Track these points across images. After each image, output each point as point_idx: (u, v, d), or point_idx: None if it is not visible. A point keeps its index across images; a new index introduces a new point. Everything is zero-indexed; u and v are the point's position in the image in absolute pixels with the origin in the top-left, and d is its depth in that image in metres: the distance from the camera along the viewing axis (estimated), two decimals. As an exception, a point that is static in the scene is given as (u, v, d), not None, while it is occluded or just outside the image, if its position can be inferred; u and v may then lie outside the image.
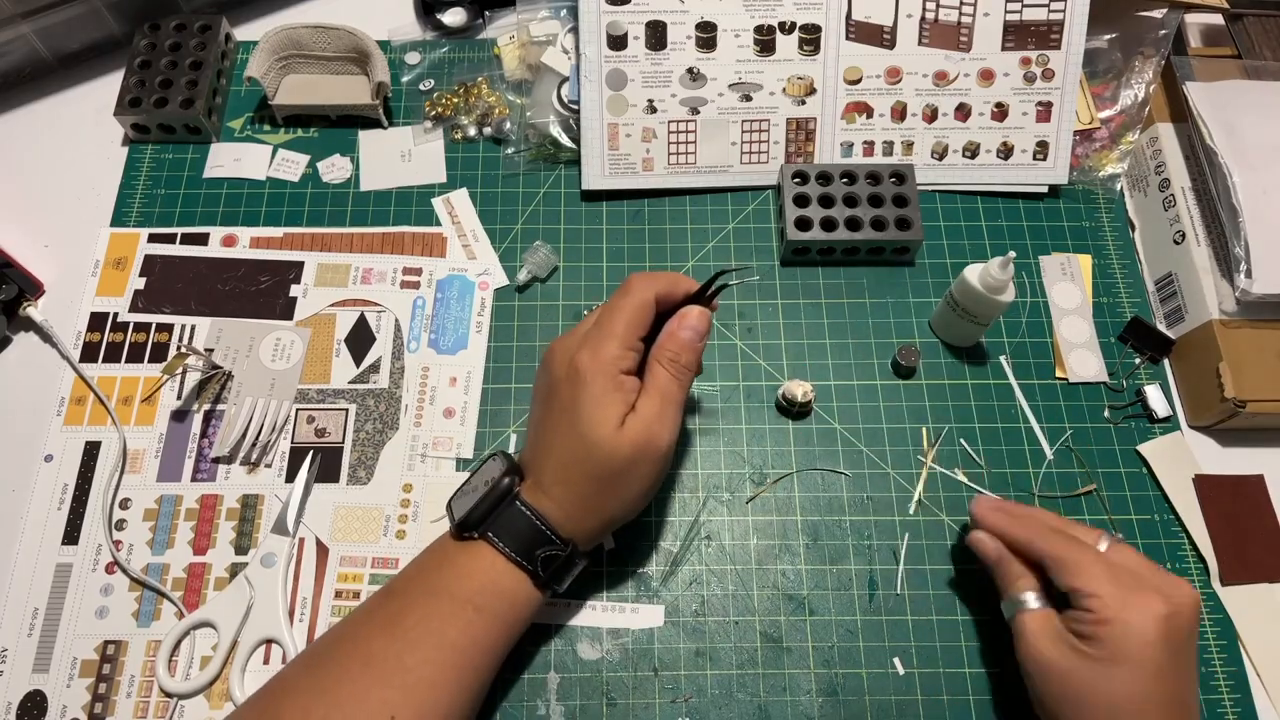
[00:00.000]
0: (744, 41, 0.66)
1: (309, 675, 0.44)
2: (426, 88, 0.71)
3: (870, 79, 0.67)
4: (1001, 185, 0.68)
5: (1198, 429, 0.61)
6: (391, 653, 0.43)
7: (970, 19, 0.66)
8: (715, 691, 0.52)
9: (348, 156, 0.69)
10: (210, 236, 0.65)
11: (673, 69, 0.66)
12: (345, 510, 0.57)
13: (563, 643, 0.53)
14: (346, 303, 0.63)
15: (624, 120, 0.66)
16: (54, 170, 0.69)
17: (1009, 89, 0.66)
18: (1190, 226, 0.63)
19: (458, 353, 0.62)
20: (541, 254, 0.64)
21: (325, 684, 0.43)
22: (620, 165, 0.66)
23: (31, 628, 0.53)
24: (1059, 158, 0.67)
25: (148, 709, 0.52)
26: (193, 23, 0.70)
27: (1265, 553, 0.57)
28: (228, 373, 0.60)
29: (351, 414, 0.60)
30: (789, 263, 0.66)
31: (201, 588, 0.55)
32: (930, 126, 0.67)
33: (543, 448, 0.48)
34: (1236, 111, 0.63)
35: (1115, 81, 0.69)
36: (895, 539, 0.57)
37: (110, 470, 0.57)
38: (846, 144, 0.67)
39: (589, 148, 0.66)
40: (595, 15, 0.65)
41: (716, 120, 0.66)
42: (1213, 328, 0.59)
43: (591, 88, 0.66)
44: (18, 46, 0.69)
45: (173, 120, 0.67)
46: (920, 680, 0.53)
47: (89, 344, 0.61)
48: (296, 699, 0.43)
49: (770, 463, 0.59)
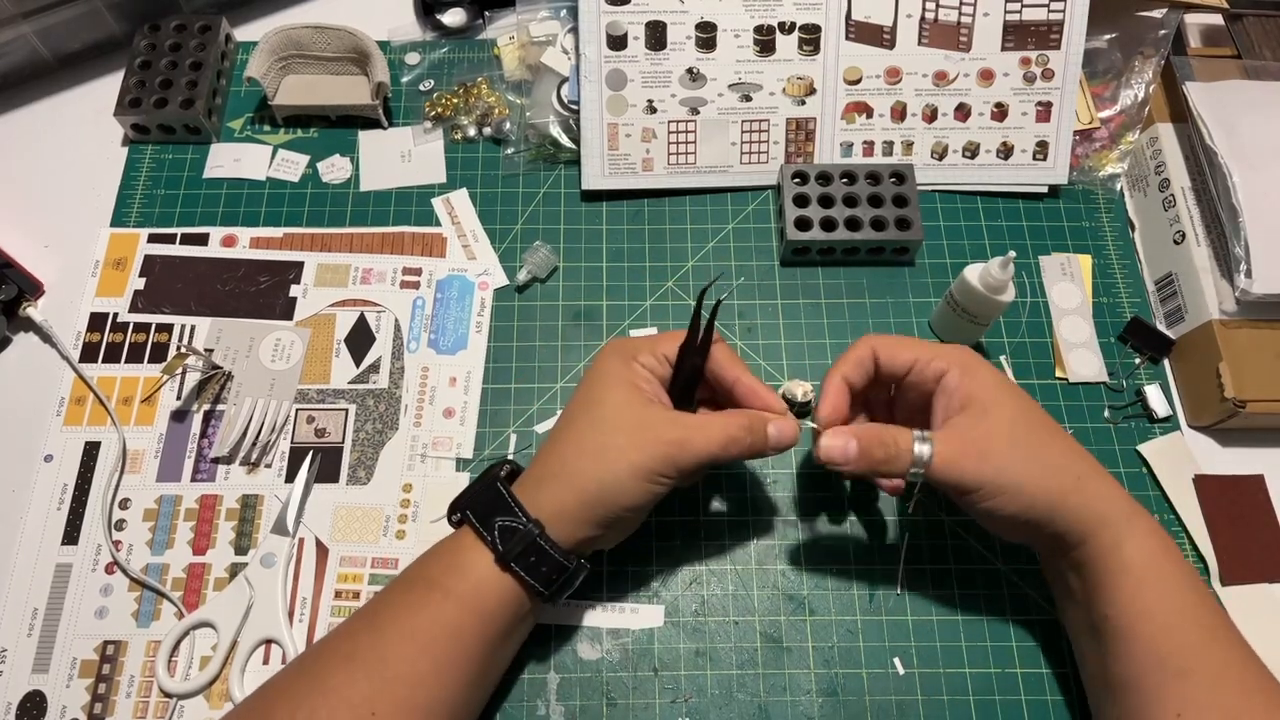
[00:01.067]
0: (744, 42, 0.66)
1: (300, 673, 0.44)
2: (426, 88, 0.71)
3: (870, 79, 0.67)
4: (1001, 185, 0.68)
5: (1198, 429, 0.61)
6: (372, 646, 0.43)
7: (970, 19, 0.66)
8: (715, 691, 0.52)
9: (348, 157, 0.69)
10: (210, 237, 0.65)
11: (672, 69, 0.66)
12: (345, 510, 0.57)
13: (563, 643, 0.53)
14: (346, 303, 0.63)
15: (624, 120, 0.66)
16: (54, 170, 0.69)
17: (1009, 89, 0.66)
18: (1190, 226, 0.63)
19: (457, 353, 0.62)
20: (541, 254, 0.64)
21: (313, 681, 0.43)
22: (620, 165, 0.66)
23: (31, 628, 0.53)
24: (1059, 158, 0.67)
25: (147, 709, 0.52)
26: (193, 23, 0.70)
27: (1265, 553, 0.57)
28: (228, 373, 0.60)
29: (351, 414, 0.60)
30: (789, 263, 0.66)
31: (201, 588, 0.55)
32: (930, 126, 0.67)
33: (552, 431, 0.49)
34: (1236, 111, 0.63)
35: (1115, 81, 0.69)
36: (896, 539, 0.57)
37: (110, 470, 0.57)
38: (846, 144, 0.67)
39: (589, 148, 0.66)
40: (595, 15, 0.65)
41: (716, 120, 0.66)
42: (1213, 328, 0.59)
43: (591, 88, 0.66)
44: (18, 46, 0.69)
45: (173, 120, 0.67)
46: (920, 680, 0.53)
47: (89, 344, 0.61)
48: (287, 697, 0.43)
49: (770, 462, 0.59)
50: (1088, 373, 0.62)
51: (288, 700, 0.43)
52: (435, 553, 0.47)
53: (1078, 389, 0.62)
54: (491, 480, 0.48)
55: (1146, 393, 0.61)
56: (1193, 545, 0.57)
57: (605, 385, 0.47)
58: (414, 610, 0.44)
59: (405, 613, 0.44)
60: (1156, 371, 0.63)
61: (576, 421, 0.48)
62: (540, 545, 0.45)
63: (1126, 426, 0.60)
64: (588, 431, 0.47)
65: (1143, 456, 0.59)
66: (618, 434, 0.46)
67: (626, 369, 0.48)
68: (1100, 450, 0.59)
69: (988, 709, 0.52)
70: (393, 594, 0.46)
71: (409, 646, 0.43)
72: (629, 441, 0.45)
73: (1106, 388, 0.62)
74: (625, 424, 0.46)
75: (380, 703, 0.42)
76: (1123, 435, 0.60)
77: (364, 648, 0.43)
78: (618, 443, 0.45)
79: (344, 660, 0.43)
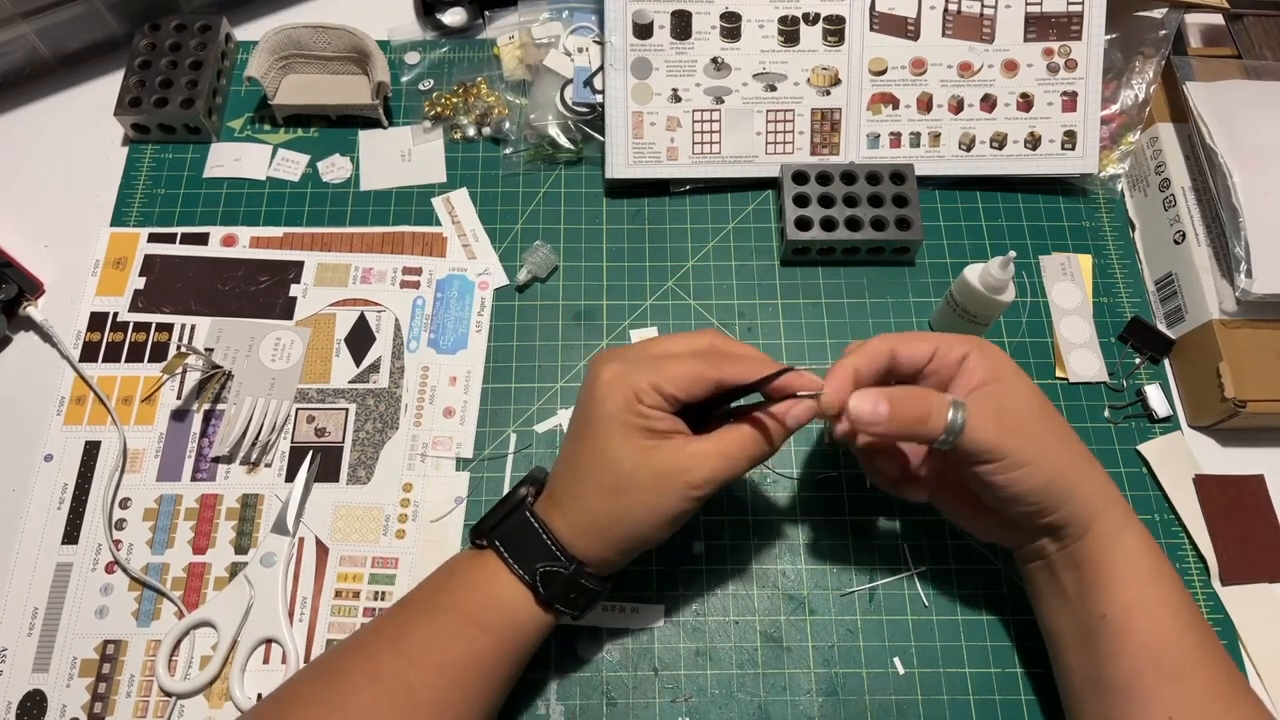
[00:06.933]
0: (768, 32, 0.66)
1: (319, 687, 0.44)
2: (426, 88, 0.71)
3: (895, 70, 0.67)
4: (1032, 175, 0.68)
5: (1198, 429, 0.61)
6: (397, 670, 0.43)
7: (992, 10, 0.66)
8: (715, 691, 0.52)
9: (348, 156, 0.69)
10: (210, 236, 0.65)
11: (697, 58, 0.66)
12: (345, 510, 0.57)
13: (563, 643, 0.53)
14: (346, 302, 0.63)
15: (649, 109, 0.66)
16: (54, 170, 0.69)
17: (1033, 79, 0.67)
18: (1190, 226, 0.63)
19: (457, 352, 0.62)
20: (541, 254, 0.64)
21: (333, 698, 0.43)
22: (645, 154, 0.66)
23: (31, 627, 0.53)
24: (1088, 147, 0.67)
25: (147, 709, 0.52)
26: (193, 23, 0.70)
27: (1265, 553, 0.57)
28: (228, 372, 0.60)
29: (351, 414, 0.60)
30: (789, 263, 0.66)
31: (201, 587, 0.55)
32: (957, 118, 0.67)
33: (563, 460, 0.47)
34: (1236, 111, 0.63)
35: (1115, 81, 0.69)
36: (896, 539, 0.57)
37: (110, 470, 0.57)
38: (873, 135, 0.67)
39: (613, 136, 0.66)
40: (622, 3, 0.65)
41: (741, 110, 0.67)
42: (1213, 328, 0.59)
43: (617, 76, 0.66)
44: (18, 46, 0.69)
45: (173, 120, 0.67)
46: (920, 680, 0.53)
47: (89, 344, 0.61)
48: (305, 710, 0.43)
49: (770, 462, 0.59)
50: (1088, 373, 0.62)
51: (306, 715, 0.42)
52: (465, 579, 0.46)
53: (1078, 389, 0.62)
54: (522, 509, 0.46)
55: (1146, 393, 0.61)
56: (1193, 545, 0.57)
57: (610, 435, 0.44)
58: (446, 643, 0.44)
59: (436, 645, 0.44)
60: (1157, 371, 0.63)
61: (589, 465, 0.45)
62: (582, 584, 0.45)
63: (1126, 426, 0.60)
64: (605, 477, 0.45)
65: (1143, 456, 0.59)
66: (638, 490, 0.44)
67: (631, 414, 0.44)
68: (1100, 450, 0.59)
69: (988, 709, 0.52)
70: (416, 617, 0.45)
71: (439, 678, 0.43)
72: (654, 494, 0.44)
73: (1107, 388, 0.62)
74: (644, 479, 0.44)
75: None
76: (1123, 435, 0.60)
77: (388, 671, 0.43)
78: (641, 498, 0.44)
79: (368, 681, 0.43)
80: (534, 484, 0.48)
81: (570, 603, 0.46)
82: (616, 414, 0.44)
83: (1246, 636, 0.54)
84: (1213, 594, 0.56)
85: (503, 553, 0.45)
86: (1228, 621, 0.55)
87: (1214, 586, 0.56)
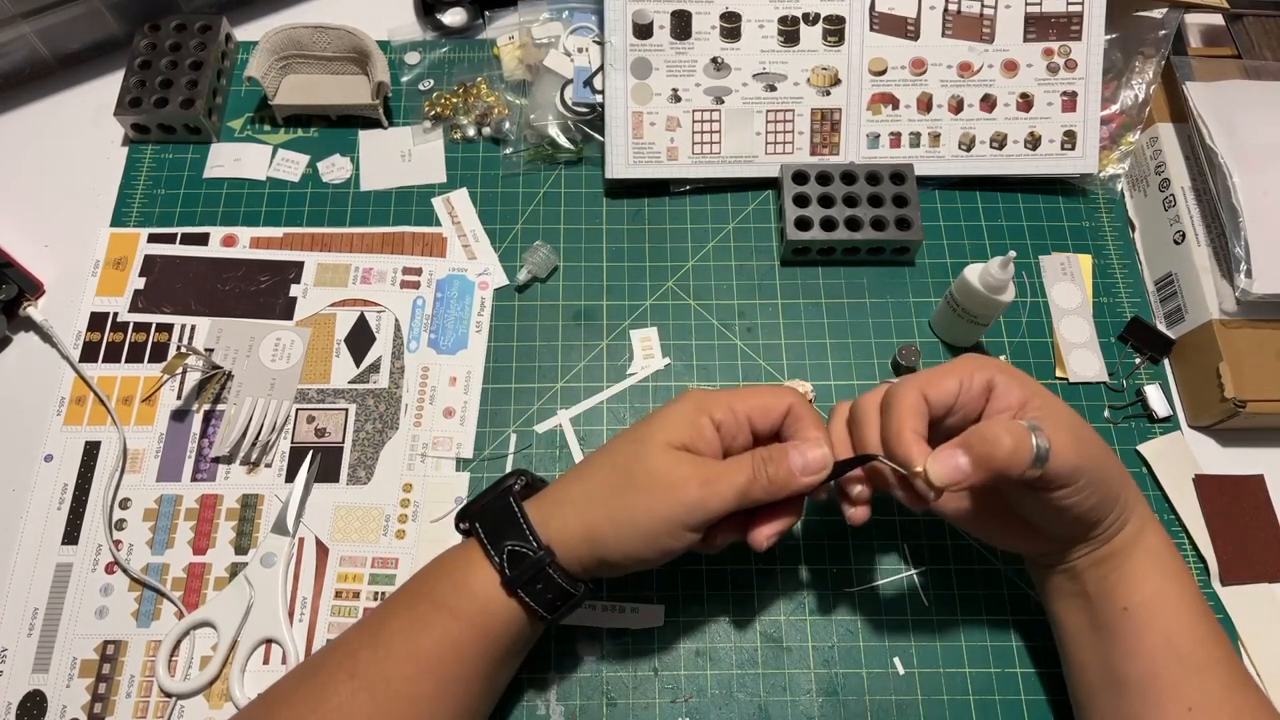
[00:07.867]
0: (768, 32, 0.66)
1: (301, 685, 0.44)
2: (426, 88, 0.71)
3: (895, 70, 0.67)
4: (1032, 175, 0.68)
5: (1198, 429, 0.61)
6: (375, 663, 0.43)
7: (992, 11, 0.66)
8: (715, 691, 0.52)
9: (348, 156, 0.69)
10: (210, 236, 0.65)
11: (697, 58, 0.66)
12: (345, 510, 0.57)
13: (563, 643, 0.53)
14: (346, 303, 0.63)
15: (649, 109, 0.66)
16: (54, 170, 0.69)
17: (1033, 79, 0.67)
18: (1190, 226, 0.63)
19: (457, 353, 0.62)
20: (541, 254, 0.64)
21: (313, 695, 0.43)
22: (645, 154, 0.66)
23: (31, 628, 0.53)
24: (1088, 147, 0.67)
25: (147, 709, 0.52)
26: (193, 23, 0.70)
27: (1265, 553, 0.57)
28: (228, 373, 0.60)
29: (351, 414, 0.60)
30: (789, 263, 0.66)
31: (201, 587, 0.55)
32: (957, 118, 0.67)
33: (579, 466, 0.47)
34: (1236, 111, 0.63)
35: (1115, 81, 0.69)
36: (896, 539, 0.57)
37: (110, 470, 0.57)
38: (873, 135, 0.67)
39: (613, 136, 0.66)
40: (621, 3, 0.65)
41: (741, 110, 0.67)
42: (1213, 328, 0.59)
43: (616, 76, 0.66)
44: (18, 46, 0.69)
45: (173, 120, 0.67)
46: (920, 680, 0.53)
47: (89, 344, 0.61)
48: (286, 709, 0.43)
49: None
50: (1088, 373, 0.62)
51: (287, 713, 0.42)
52: (443, 567, 0.46)
53: (1078, 389, 0.62)
54: (505, 493, 0.46)
55: (1147, 393, 0.61)
56: (1193, 545, 0.57)
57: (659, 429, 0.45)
58: (418, 630, 0.44)
59: (409, 632, 0.44)
60: (1156, 371, 0.63)
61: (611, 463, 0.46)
62: (548, 573, 0.44)
63: (1127, 426, 0.60)
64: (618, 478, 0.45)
65: (1143, 456, 0.59)
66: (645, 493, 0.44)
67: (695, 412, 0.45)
68: (1100, 450, 0.59)
69: (988, 709, 0.52)
70: (397, 608, 0.45)
71: (412, 667, 0.43)
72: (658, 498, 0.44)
73: (1107, 388, 0.62)
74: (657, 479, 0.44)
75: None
76: (1123, 435, 0.60)
77: (366, 665, 0.43)
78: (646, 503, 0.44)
79: (346, 677, 0.43)
80: (525, 475, 0.48)
81: (537, 595, 0.44)
82: (684, 413, 0.45)
83: (1246, 636, 0.55)
84: (1213, 594, 0.56)
85: (479, 532, 0.45)
86: (1228, 621, 0.55)
87: (1214, 586, 0.56)
